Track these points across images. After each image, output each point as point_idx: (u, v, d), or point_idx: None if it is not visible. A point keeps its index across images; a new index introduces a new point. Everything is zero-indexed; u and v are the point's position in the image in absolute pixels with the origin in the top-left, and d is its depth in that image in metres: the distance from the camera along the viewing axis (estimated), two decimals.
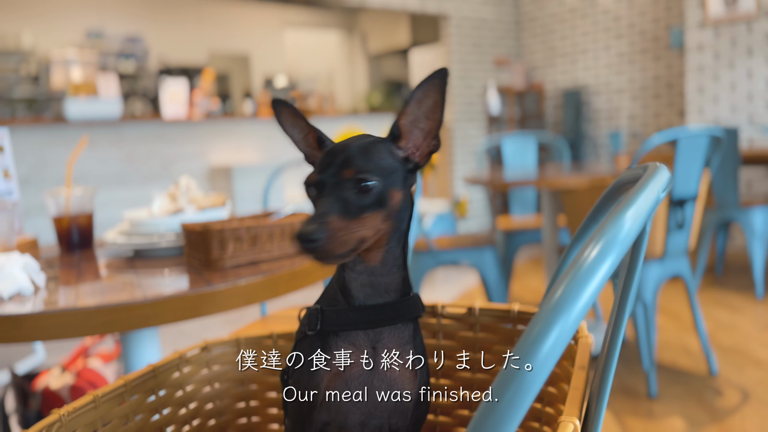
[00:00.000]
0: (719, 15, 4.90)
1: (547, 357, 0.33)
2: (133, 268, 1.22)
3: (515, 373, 0.34)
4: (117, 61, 8.02)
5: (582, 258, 0.36)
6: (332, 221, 0.63)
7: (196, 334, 3.39)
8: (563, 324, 0.34)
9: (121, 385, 0.79)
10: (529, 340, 0.34)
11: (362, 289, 0.70)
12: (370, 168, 0.66)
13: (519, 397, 0.34)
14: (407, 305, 0.71)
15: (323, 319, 0.70)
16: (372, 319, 0.69)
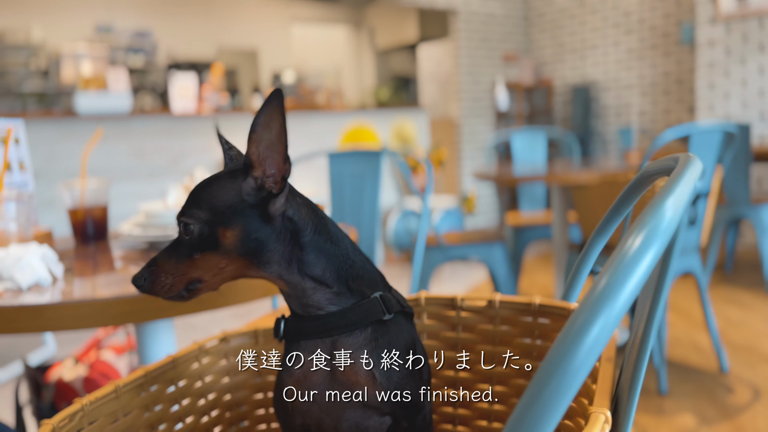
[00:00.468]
0: (731, 10, 4.87)
1: (590, 349, 0.33)
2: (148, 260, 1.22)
3: (558, 366, 0.33)
4: (126, 55, 8.04)
5: (625, 248, 0.36)
6: (158, 266, 0.69)
7: (204, 328, 3.41)
8: (607, 315, 0.34)
9: (141, 375, 0.79)
10: (573, 332, 0.34)
11: (297, 307, 0.72)
12: (192, 211, 0.68)
13: (561, 391, 0.33)
14: (362, 311, 0.70)
15: (285, 329, 0.73)
16: (323, 327, 0.70)
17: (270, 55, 9.30)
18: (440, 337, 0.88)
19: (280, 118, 0.66)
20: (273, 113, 0.66)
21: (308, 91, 7.76)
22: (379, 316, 0.70)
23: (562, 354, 0.33)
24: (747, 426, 2.09)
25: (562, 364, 0.33)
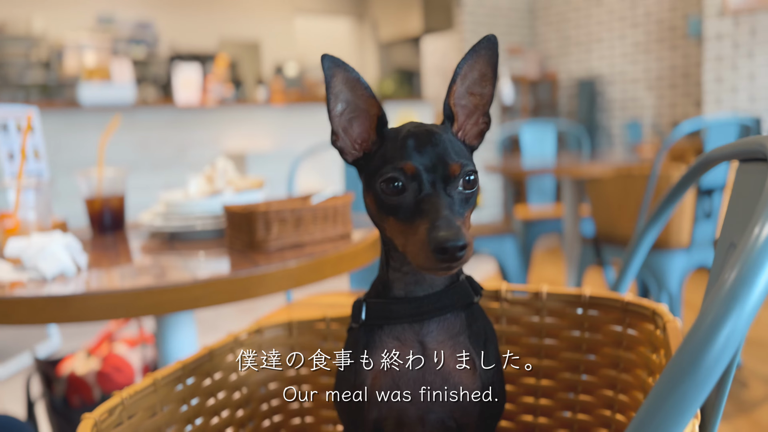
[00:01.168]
0: (739, 4, 4.83)
1: (723, 349, 0.30)
2: (174, 249, 1.19)
3: (688, 367, 0.31)
4: (128, 46, 7.99)
5: (753, 239, 0.33)
6: (465, 225, 0.56)
7: (213, 323, 3.38)
8: (740, 313, 0.31)
9: (179, 368, 0.76)
10: (704, 331, 0.31)
11: (405, 287, 0.64)
12: (471, 160, 0.60)
13: (692, 394, 0.31)
14: (455, 293, 0.65)
15: (367, 312, 0.65)
16: (416, 311, 0.63)
17: (272, 47, 9.25)
18: None
19: (482, 68, 0.63)
20: (476, 62, 0.63)
21: (312, 84, 7.72)
22: (471, 298, 0.65)
23: (693, 354, 0.31)
24: (763, 420, 2.07)
25: (693, 365, 0.31)
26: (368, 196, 0.62)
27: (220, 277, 0.93)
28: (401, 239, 0.58)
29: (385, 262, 0.66)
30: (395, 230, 0.59)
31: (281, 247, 1.09)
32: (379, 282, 0.67)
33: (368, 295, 0.68)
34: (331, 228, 1.16)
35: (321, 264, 1.03)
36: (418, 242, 0.54)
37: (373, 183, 0.60)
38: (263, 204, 1.13)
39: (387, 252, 0.65)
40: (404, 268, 0.64)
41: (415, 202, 0.57)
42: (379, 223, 0.62)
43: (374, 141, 0.65)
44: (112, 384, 1.88)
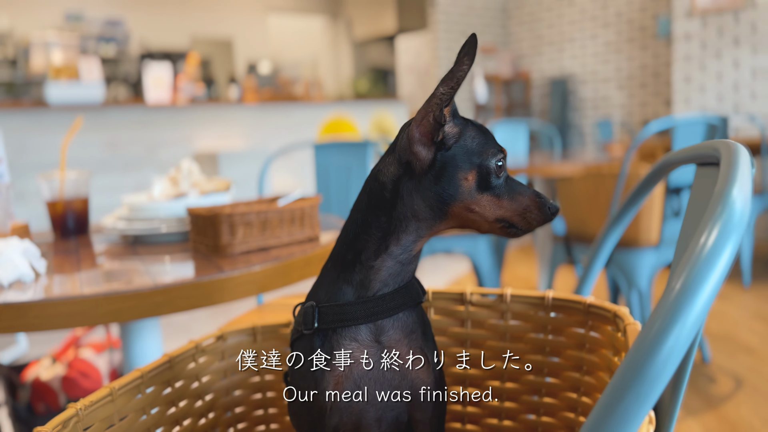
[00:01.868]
0: (706, 5, 4.92)
1: (670, 355, 0.30)
2: (136, 254, 1.17)
3: (635, 374, 0.30)
4: (97, 44, 7.85)
5: (701, 245, 0.33)
6: None
7: (184, 326, 3.34)
8: (687, 318, 0.31)
9: (137, 376, 0.74)
10: (651, 337, 0.31)
11: (386, 279, 0.65)
12: None
13: (639, 401, 0.30)
14: (407, 292, 0.67)
15: (320, 317, 0.65)
16: (370, 311, 0.64)
17: (245, 45, 9.17)
18: (448, 333, 0.85)
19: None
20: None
21: (286, 82, 7.66)
22: (420, 298, 0.68)
23: (640, 361, 0.31)
24: (731, 415, 2.11)
25: (640, 371, 0.30)
26: (467, 175, 0.64)
27: (183, 282, 0.91)
28: (498, 210, 0.64)
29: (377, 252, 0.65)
30: (489, 204, 0.64)
31: (247, 250, 1.08)
32: (341, 282, 0.66)
33: (316, 295, 0.68)
34: (298, 231, 1.15)
35: (287, 268, 1.01)
36: (536, 206, 0.65)
37: (476, 162, 0.64)
38: (228, 206, 1.11)
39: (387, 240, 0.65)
40: (402, 256, 0.65)
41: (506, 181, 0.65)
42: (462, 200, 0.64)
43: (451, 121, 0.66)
44: (78, 390, 1.84)
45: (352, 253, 0.66)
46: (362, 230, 0.66)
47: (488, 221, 0.65)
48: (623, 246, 2.41)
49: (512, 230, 0.65)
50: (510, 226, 0.65)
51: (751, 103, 4.79)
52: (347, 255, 0.67)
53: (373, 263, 0.65)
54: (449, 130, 0.65)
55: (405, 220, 0.64)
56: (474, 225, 0.65)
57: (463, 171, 0.63)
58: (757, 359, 2.56)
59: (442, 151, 0.64)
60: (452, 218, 0.65)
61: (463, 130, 0.65)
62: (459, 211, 0.64)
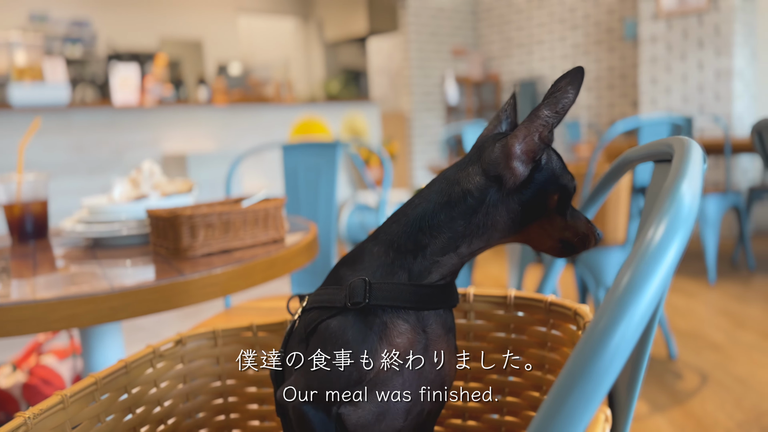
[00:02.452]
0: (671, 7, 5.01)
1: (617, 352, 0.30)
2: (95, 258, 1.14)
3: (581, 373, 0.30)
4: (63, 45, 7.70)
5: (647, 240, 0.33)
6: None
7: (152, 329, 3.28)
8: (633, 315, 0.30)
9: (91, 383, 0.72)
10: (597, 335, 0.30)
11: (446, 274, 0.66)
12: None
13: (586, 400, 0.30)
14: (454, 290, 0.69)
15: (372, 293, 0.62)
16: (427, 299, 0.64)
17: (215, 46, 9.08)
18: None
19: None
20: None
21: (256, 83, 7.61)
22: (458, 300, 0.70)
23: (586, 359, 0.30)
24: (697, 410, 2.14)
25: (586, 370, 0.30)
26: (553, 195, 0.66)
27: (141, 286, 0.89)
28: (565, 232, 0.67)
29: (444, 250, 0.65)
30: (561, 224, 0.67)
31: (209, 253, 1.06)
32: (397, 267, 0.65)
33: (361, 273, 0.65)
34: (262, 232, 1.13)
35: (250, 270, 1.00)
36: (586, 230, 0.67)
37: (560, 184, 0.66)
38: (189, 208, 1.09)
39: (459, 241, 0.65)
40: (466, 257, 0.67)
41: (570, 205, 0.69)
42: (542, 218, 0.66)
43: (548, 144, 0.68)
44: (40, 397, 1.80)
45: (414, 246, 0.65)
46: (430, 227, 0.66)
47: (553, 240, 0.68)
48: None
49: (567, 250, 0.68)
50: (567, 247, 0.68)
51: (715, 104, 4.89)
52: (407, 244, 0.66)
53: (438, 258, 0.65)
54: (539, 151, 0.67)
55: (483, 227, 0.65)
56: (538, 241, 0.68)
57: (551, 191, 0.66)
58: (722, 355, 2.61)
59: (537, 170, 0.66)
60: (525, 233, 0.67)
61: (549, 152, 0.67)
62: (535, 228, 0.67)
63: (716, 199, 3.64)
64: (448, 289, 0.67)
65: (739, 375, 2.40)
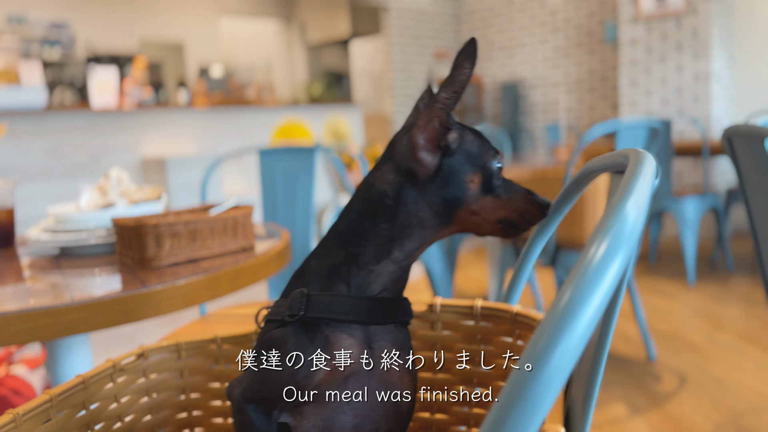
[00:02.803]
0: (650, 10, 5.05)
1: (557, 370, 0.29)
2: (59, 268, 1.11)
3: (520, 392, 0.29)
4: (41, 48, 7.61)
5: (588, 258, 0.32)
6: None
7: (131, 336, 3.24)
8: (573, 332, 0.29)
9: (46, 400, 0.70)
10: (536, 353, 0.29)
11: (386, 283, 0.64)
12: None
13: (526, 420, 0.29)
14: (405, 306, 0.66)
15: (309, 305, 0.61)
16: (370, 312, 0.62)
17: (197, 48, 9.02)
18: None
19: None
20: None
21: (238, 86, 7.56)
22: (411, 317, 0.68)
23: (525, 378, 0.29)
24: (675, 412, 2.15)
25: (525, 390, 0.29)
26: (473, 178, 0.64)
27: (102, 298, 0.87)
28: (500, 211, 0.64)
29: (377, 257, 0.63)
30: (492, 205, 0.64)
31: (175, 262, 1.04)
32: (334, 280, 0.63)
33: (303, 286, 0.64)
34: (231, 241, 1.12)
35: (216, 280, 0.98)
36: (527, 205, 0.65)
37: (479, 165, 0.64)
38: (154, 217, 1.07)
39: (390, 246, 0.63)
40: (405, 262, 0.64)
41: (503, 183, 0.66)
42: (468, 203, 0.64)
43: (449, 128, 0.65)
44: (11, 407, 1.76)
45: (346, 257, 0.64)
46: (357, 235, 0.64)
47: (491, 223, 0.65)
48: (568, 247, 2.44)
49: (512, 230, 0.66)
50: (510, 226, 0.65)
51: (694, 107, 4.94)
52: (339, 257, 0.64)
53: (373, 267, 0.63)
54: (451, 135, 0.64)
55: (410, 227, 0.63)
56: (476, 228, 0.65)
57: (468, 174, 0.63)
58: (701, 357, 2.62)
59: (447, 156, 0.63)
60: (457, 223, 0.64)
61: (462, 133, 0.65)
62: (464, 215, 0.64)
63: (695, 200, 3.67)
64: (395, 304, 0.64)
65: (717, 376, 2.42)
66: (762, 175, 1.01)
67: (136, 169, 4.74)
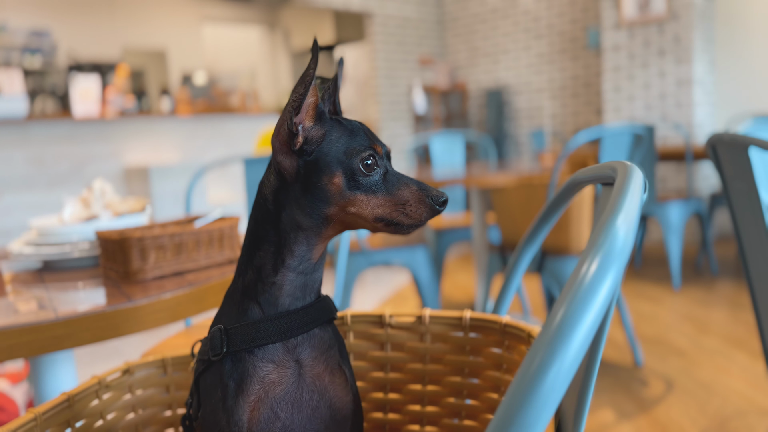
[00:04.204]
0: (632, 17, 5.10)
1: (551, 390, 0.29)
2: (42, 282, 1.10)
3: (516, 412, 0.29)
4: (22, 56, 7.52)
5: (581, 275, 0.32)
6: None
7: (116, 348, 3.21)
8: (567, 352, 0.29)
9: (30, 419, 0.69)
10: (531, 374, 0.29)
11: (293, 292, 0.63)
12: None
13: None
14: (322, 306, 0.66)
15: (229, 340, 0.61)
16: (286, 326, 0.62)
17: (180, 55, 8.97)
18: (368, 357, 0.82)
19: None
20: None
21: (221, 93, 7.53)
22: (334, 313, 0.67)
23: (520, 398, 0.29)
24: (662, 417, 2.16)
25: (521, 410, 0.29)
26: (332, 177, 0.62)
27: (85, 314, 0.86)
28: (376, 209, 0.62)
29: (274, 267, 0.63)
30: (364, 203, 0.62)
31: (160, 275, 1.03)
32: (243, 298, 0.64)
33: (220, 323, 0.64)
34: (217, 253, 1.10)
35: (202, 293, 0.97)
36: (417, 200, 0.62)
37: (342, 163, 0.62)
38: (139, 229, 1.06)
39: (281, 253, 0.63)
40: (301, 266, 0.63)
41: (383, 178, 0.63)
42: (335, 203, 0.62)
43: (313, 127, 0.64)
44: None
45: (252, 272, 0.64)
46: (256, 247, 0.64)
47: (368, 221, 0.63)
48: (555, 254, 2.45)
49: (396, 227, 0.63)
50: (392, 224, 0.63)
51: (677, 112, 4.99)
52: (247, 275, 0.64)
53: (274, 279, 0.63)
54: (313, 134, 0.63)
55: (292, 231, 0.63)
56: (357, 225, 0.64)
57: (328, 174, 0.62)
58: (687, 361, 2.64)
59: (304, 157, 0.62)
60: (334, 222, 0.63)
61: (329, 132, 0.64)
62: (336, 213, 0.63)
63: (679, 205, 3.70)
64: (312, 309, 0.64)
65: (703, 380, 2.43)
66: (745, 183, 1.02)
67: (119, 178, 4.69)
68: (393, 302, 3.87)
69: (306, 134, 0.63)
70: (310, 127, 0.63)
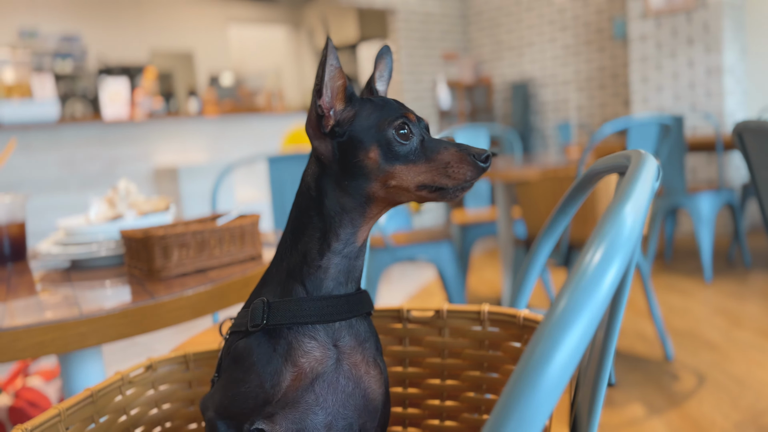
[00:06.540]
0: (660, 5, 5.01)
1: (554, 381, 0.28)
2: (69, 281, 1.12)
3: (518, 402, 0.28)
4: (53, 61, 7.69)
5: (585, 264, 0.31)
6: None
7: (146, 345, 3.26)
8: (570, 342, 0.29)
9: (54, 414, 0.70)
10: (533, 363, 0.29)
11: (337, 276, 0.65)
12: None
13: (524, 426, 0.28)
14: (362, 298, 0.67)
15: (270, 313, 0.62)
16: (330, 310, 0.63)
17: (206, 57, 9.07)
18: (387, 351, 0.82)
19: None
20: None
21: (248, 93, 7.60)
22: (372, 307, 0.68)
23: (522, 388, 0.28)
24: (694, 412, 2.12)
25: (522, 400, 0.28)
26: (368, 152, 0.62)
27: (110, 311, 0.87)
28: (417, 177, 0.62)
29: (320, 251, 0.64)
30: (405, 172, 0.62)
31: (183, 273, 1.04)
32: (291, 282, 0.65)
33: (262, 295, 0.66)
34: (238, 250, 1.12)
35: (224, 290, 0.98)
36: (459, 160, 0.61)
37: (375, 136, 0.62)
38: (162, 228, 1.08)
39: (327, 237, 0.64)
40: (346, 250, 0.64)
41: (420, 145, 0.63)
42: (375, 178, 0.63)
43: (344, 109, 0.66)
44: (27, 420, 1.77)
45: (298, 256, 0.65)
46: (301, 233, 0.65)
47: (411, 191, 0.63)
48: (575, 247, 2.42)
49: (442, 192, 0.62)
50: (437, 189, 0.63)
51: (707, 101, 4.88)
52: (292, 259, 0.65)
53: (320, 263, 0.64)
54: (344, 116, 0.64)
55: (336, 215, 0.64)
56: (401, 199, 0.64)
57: (363, 150, 0.63)
58: (719, 355, 2.59)
59: (337, 138, 0.64)
60: (377, 199, 0.64)
61: (360, 111, 0.65)
62: (378, 189, 0.63)
63: (710, 196, 3.63)
64: (353, 298, 0.65)
65: (736, 374, 2.38)
66: None
67: (148, 179, 4.77)
68: (419, 298, 3.87)
69: (338, 117, 0.64)
70: (341, 110, 0.65)
